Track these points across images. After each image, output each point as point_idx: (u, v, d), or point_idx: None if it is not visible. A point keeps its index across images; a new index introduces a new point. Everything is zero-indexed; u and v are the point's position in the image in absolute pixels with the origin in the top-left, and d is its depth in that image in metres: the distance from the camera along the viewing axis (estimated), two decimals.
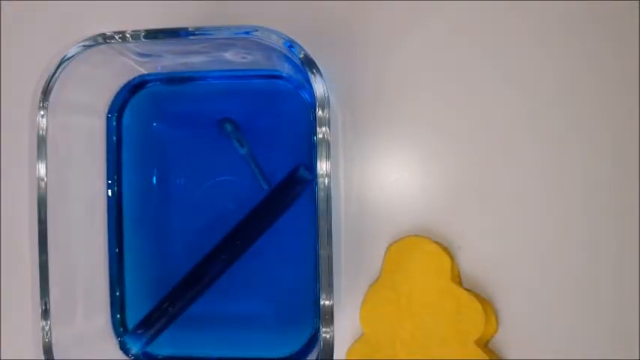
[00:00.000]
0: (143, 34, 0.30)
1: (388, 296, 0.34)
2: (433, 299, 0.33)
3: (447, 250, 0.34)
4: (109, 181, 0.35)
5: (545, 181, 0.34)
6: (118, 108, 0.35)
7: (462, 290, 0.33)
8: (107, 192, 0.35)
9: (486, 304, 0.33)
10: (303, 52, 0.29)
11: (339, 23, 0.35)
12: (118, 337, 0.35)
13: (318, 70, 0.29)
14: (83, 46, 0.30)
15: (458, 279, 0.34)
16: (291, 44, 0.29)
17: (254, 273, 0.35)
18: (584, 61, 0.34)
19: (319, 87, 0.29)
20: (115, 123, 0.35)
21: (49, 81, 0.30)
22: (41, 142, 0.30)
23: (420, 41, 0.33)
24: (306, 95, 0.34)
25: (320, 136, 0.29)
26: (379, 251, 0.34)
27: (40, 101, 0.30)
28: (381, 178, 0.35)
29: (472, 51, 0.34)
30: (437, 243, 0.34)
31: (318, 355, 0.30)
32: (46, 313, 0.30)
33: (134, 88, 0.35)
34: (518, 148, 0.35)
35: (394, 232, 0.35)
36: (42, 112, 0.30)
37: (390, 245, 0.34)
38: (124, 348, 0.35)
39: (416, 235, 0.34)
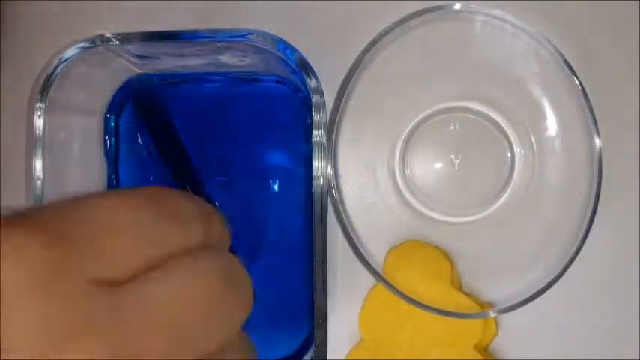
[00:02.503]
0: (140, 36, 0.30)
1: (388, 300, 0.34)
2: (432, 303, 0.33)
3: (447, 255, 0.34)
4: (107, 182, 0.35)
5: (541, 186, 0.34)
6: (116, 109, 0.35)
7: (461, 294, 0.33)
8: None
9: (486, 308, 0.33)
10: (298, 56, 0.30)
11: (336, 25, 0.35)
12: None
13: (314, 73, 0.30)
14: (81, 47, 0.30)
15: (457, 283, 0.34)
16: (286, 47, 0.29)
17: (250, 274, 0.35)
18: (584, 60, 0.34)
19: (315, 90, 0.29)
20: (113, 124, 0.35)
21: (47, 82, 0.30)
22: (38, 142, 0.31)
23: (417, 42, 0.33)
24: (303, 97, 0.34)
25: (315, 139, 0.29)
26: (379, 255, 0.34)
27: (37, 101, 0.31)
28: (380, 180, 0.35)
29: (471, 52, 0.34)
30: (437, 247, 0.34)
31: (312, 358, 0.30)
32: None
33: (131, 89, 0.35)
34: (517, 151, 0.35)
35: (393, 237, 0.35)
36: (39, 113, 0.31)
37: (390, 250, 0.34)
38: None
39: (416, 240, 0.34)
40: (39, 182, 0.31)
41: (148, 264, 0.17)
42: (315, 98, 0.29)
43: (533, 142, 0.34)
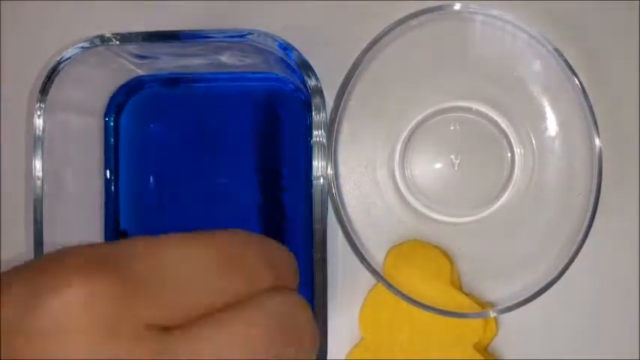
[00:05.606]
0: (141, 36, 0.30)
1: (387, 300, 0.34)
2: (432, 303, 0.33)
3: (447, 255, 0.34)
4: (106, 182, 0.35)
5: (541, 186, 0.34)
6: (115, 109, 0.35)
7: (461, 294, 0.33)
8: (104, 193, 0.35)
9: (486, 308, 0.33)
10: (298, 56, 0.30)
11: (336, 25, 0.36)
12: None
13: (314, 73, 0.30)
14: (81, 47, 0.30)
15: (457, 283, 0.34)
16: (286, 47, 0.29)
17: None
18: (584, 60, 0.34)
19: (315, 90, 0.29)
20: (112, 124, 0.35)
21: (47, 82, 0.30)
22: (38, 142, 0.31)
23: (417, 42, 0.33)
24: (304, 97, 0.34)
25: (315, 139, 0.30)
26: (379, 255, 0.34)
27: (37, 101, 0.31)
28: (380, 180, 0.35)
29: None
30: (437, 247, 0.34)
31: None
32: None
33: (132, 89, 0.35)
34: (517, 151, 0.35)
35: (393, 237, 0.35)
36: (39, 113, 0.31)
37: (391, 249, 0.34)
38: None
39: (416, 240, 0.34)
40: (39, 182, 0.31)
41: (205, 311, 0.18)
42: (315, 98, 0.29)
43: (533, 142, 0.34)
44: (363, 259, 0.32)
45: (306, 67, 0.30)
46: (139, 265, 0.17)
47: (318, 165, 0.30)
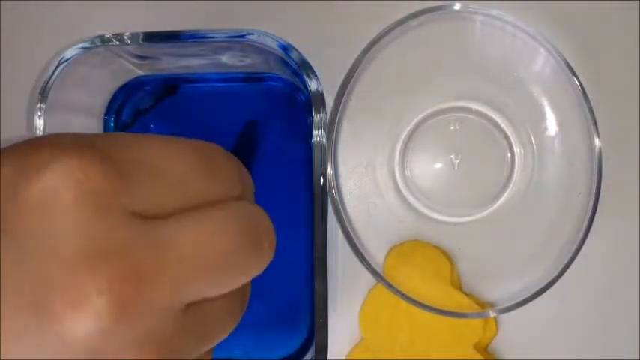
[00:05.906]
0: (141, 36, 0.30)
1: (388, 300, 0.34)
2: (432, 303, 0.33)
3: (447, 255, 0.34)
4: None
5: (541, 186, 0.34)
6: (115, 109, 0.35)
7: (461, 294, 0.33)
8: None
9: (486, 308, 0.33)
10: (298, 56, 0.30)
11: (336, 25, 0.36)
12: None
13: (314, 73, 0.30)
14: (81, 48, 0.31)
15: (457, 283, 0.34)
16: (286, 47, 0.29)
17: None
18: (584, 60, 0.34)
19: (315, 90, 0.30)
20: (112, 124, 0.35)
21: (47, 82, 0.31)
22: None
23: (417, 42, 0.33)
24: (304, 97, 0.34)
25: (315, 139, 0.30)
26: (379, 255, 0.34)
27: (37, 102, 0.31)
28: (380, 180, 0.35)
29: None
30: (437, 247, 0.34)
31: (312, 358, 0.30)
32: None
33: (132, 89, 0.35)
34: (517, 151, 0.35)
35: (393, 237, 0.35)
36: (39, 113, 0.31)
37: (391, 249, 0.34)
38: None
39: (416, 240, 0.34)
40: None
41: (182, 209, 0.18)
42: (315, 98, 0.30)
43: (533, 142, 0.34)
44: (363, 259, 0.32)
45: (306, 67, 0.30)
46: (126, 153, 0.18)
47: (318, 165, 0.30)
